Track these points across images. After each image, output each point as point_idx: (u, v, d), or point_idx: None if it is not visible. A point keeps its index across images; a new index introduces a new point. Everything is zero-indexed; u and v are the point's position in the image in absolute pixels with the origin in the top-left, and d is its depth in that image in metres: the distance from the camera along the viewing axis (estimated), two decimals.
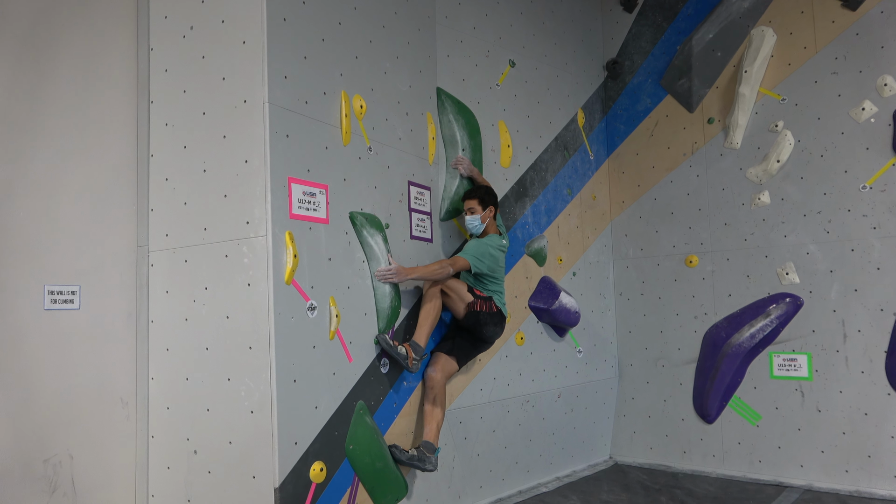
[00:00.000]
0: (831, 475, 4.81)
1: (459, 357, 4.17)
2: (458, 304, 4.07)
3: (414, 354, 3.78)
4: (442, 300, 4.04)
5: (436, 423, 3.96)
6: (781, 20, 5.18)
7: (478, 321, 4.10)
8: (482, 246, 4.14)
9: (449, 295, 4.05)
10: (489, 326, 4.16)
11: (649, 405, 5.70)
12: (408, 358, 3.75)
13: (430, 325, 3.94)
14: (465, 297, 4.07)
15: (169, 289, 3.56)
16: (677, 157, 5.67)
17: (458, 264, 4.03)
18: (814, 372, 4.93)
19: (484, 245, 4.15)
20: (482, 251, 4.12)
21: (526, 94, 5.23)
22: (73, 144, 3.50)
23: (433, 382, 4.03)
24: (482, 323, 4.12)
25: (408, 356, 3.75)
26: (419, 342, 3.85)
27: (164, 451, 3.53)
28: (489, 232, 4.32)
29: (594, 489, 4.96)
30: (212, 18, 3.48)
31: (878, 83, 4.74)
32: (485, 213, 4.26)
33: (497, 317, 4.19)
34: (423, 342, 3.87)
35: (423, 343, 3.86)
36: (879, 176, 4.73)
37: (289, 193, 3.30)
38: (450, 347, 4.16)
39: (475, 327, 4.13)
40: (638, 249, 5.88)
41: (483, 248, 4.13)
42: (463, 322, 4.13)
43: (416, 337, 3.88)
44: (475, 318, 4.09)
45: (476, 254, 4.10)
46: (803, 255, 5.01)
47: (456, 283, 4.07)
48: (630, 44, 6.00)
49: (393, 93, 4.04)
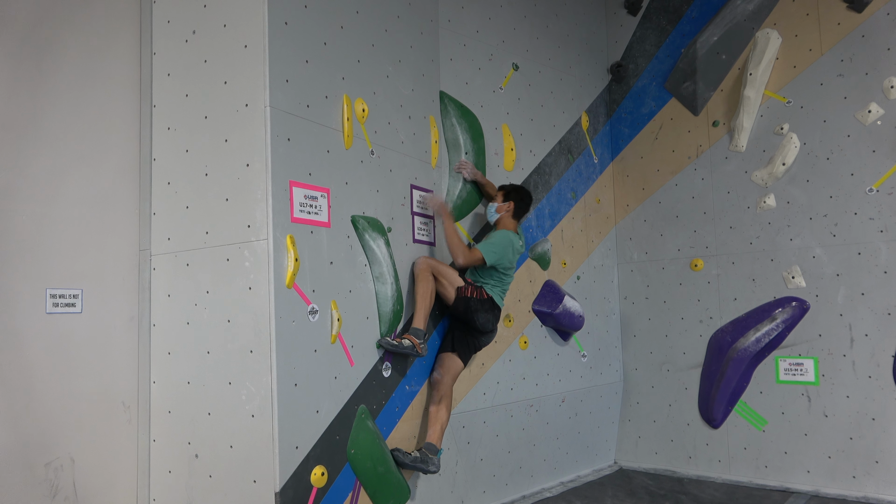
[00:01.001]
0: (838, 481, 4.76)
1: (462, 352, 4.15)
2: (448, 290, 4.04)
3: (419, 339, 3.79)
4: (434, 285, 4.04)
5: (440, 426, 3.94)
6: (786, 22, 5.15)
7: (468, 307, 4.05)
8: (500, 236, 4.19)
9: (440, 280, 4.02)
10: (480, 313, 4.08)
11: (654, 410, 5.66)
12: (414, 346, 3.76)
13: (426, 308, 3.93)
14: (455, 282, 4.05)
15: (171, 292, 3.56)
16: (682, 161, 5.65)
17: (475, 256, 4.07)
18: (820, 376, 4.89)
19: (503, 235, 4.19)
20: (498, 240, 4.16)
21: (529, 98, 5.22)
22: (76, 148, 3.51)
23: (439, 385, 4.03)
24: (473, 309, 4.06)
25: (414, 345, 3.76)
26: (419, 326, 3.84)
27: (165, 455, 3.53)
28: (504, 226, 4.35)
29: (599, 494, 4.92)
30: (214, 23, 3.48)
31: (884, 85, 4.70)
32: (502, 204, 4.35)
33: (488, 304, 4.12)
34: (423, 324, 3.87)
35: (424, 325, 3.87)
36: (886, 179, 4.69)
37: (290, 197, 3.30)
38: (451, 344, 4.14)
39: (466, 314, 4.08)
40: (643, 253, 5.85)
41: (500, 238, 4.17)
42: (454, 310, 4.10)
43: (414, 323, 3.87)
44: (465, 304, 4.05)
45: (491, 244, 4.13)
46: (809, 259, 4.97)
47: (447, 268, 4.07)
48: (634, 47, 5.98)
49: (395, 96, 4.03)
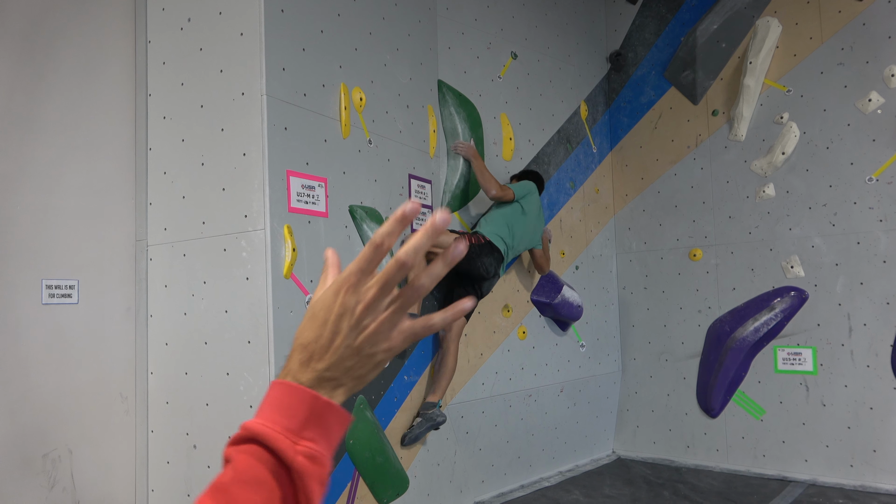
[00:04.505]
0: (836, 470, 4.78)
1: None
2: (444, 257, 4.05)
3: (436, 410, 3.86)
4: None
5: (446, 380, 3.97)
6: (787, 10, 5.11)
7: (468, 256, 3.96)
8: (524, 183, 4.45)
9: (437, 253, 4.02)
10: (482, 258, 4.01)
11: (653, 399, 5.67)
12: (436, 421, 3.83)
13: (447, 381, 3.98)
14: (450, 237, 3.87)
15: (168, 283, 3.54)
16: (681, 150, 5.63)
17: (507, 191, 4.27)
18: (819, 366, 4.89)
19: (527, 183, 4.45)
20: (522, 184, 4.41)
21: (528, 87, 5.19)
22: (71, 138, 3.48)
23: (445, 339, 4.06)
24: (472, 256, 3.97)
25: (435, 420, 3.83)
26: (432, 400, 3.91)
27: (163, 446, 3.52)
28: None
29: (597, 483, 4.93)
30: (209, 10, 3.44)
31: (885, 74, 4.68)
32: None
33: (488, 247, 4.08)
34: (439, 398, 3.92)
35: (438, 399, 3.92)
36: (886, 168, 4.68)
37: (287, 186, 3.28)
38: (453, 299, 4.10)
39: (469, 264, 3.99)
40: (641, 243, 5.84)
41: (524, 184, 4.43)
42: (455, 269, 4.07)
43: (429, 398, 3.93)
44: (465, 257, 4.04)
45: (517, 185, 4.38)
46: (808, 249, 4.96)
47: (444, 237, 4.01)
48: (633, 35, 5.94)
49: (393, 85, 4.00)
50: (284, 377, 0.72)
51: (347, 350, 0.70)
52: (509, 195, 4.25)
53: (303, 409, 0.69)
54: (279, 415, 0.68)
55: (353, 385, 0.72)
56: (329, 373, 0.71)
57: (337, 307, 0.70)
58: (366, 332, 0.71)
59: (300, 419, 0.68)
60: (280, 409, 0.69)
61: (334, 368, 0.71)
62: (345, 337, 0.70)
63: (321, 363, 0.71)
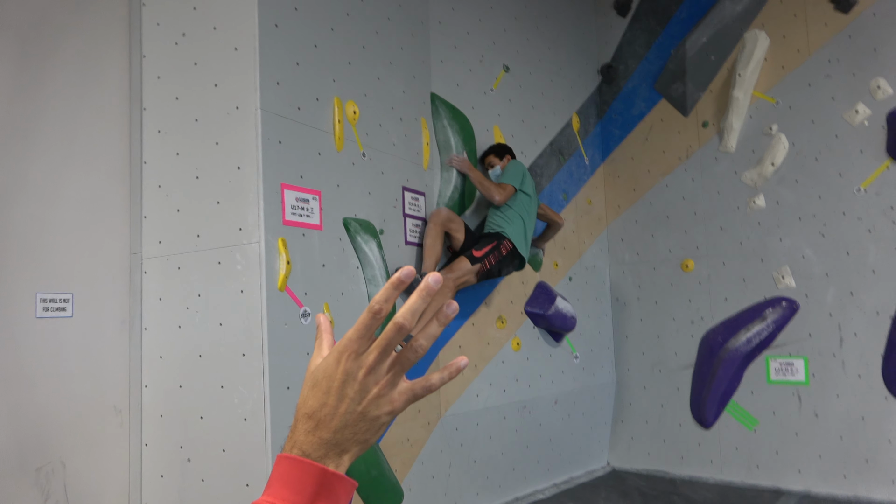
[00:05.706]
0: (829, 480, 4.79)
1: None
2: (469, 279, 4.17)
3: None
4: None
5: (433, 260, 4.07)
6: (774, 23, 5.19)
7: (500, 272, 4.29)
8: (510, 165, 4.46)
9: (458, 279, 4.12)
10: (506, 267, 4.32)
11: (647, 411, 5.68)
12: None
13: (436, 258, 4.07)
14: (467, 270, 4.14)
15: (162, 296, 3.54)
16: (672, 162, 5.68)
17: (506, 190, 4.32)
18: (811, 376, 4.92)
19: (513, 164, 4.47)
20: (510, 169, 4.43)
21: (520, 99, 5.24)
22: (66, 151, 3.49)
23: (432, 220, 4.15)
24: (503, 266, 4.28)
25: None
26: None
27: (157, 459, 3.51)
28: None
29: (592, 496, 4.93)
30: (204, 25, 3.47)
31: (871, 86, 4.74)
32: (503, 161, 4.57)
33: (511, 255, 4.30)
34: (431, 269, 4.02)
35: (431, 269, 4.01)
36: (874, 179, 4.73)
37: (282, 200, 3.30)
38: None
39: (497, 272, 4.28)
40: (634, 254, 5.87)
41: (511, 167, 4.44)
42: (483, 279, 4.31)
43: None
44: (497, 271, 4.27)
45: (507, 175, 4.40)
46: (799, 259, 5.00)
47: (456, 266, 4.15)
48: (624, 48, 6.01)
49: (386, 98, 4.03)
50: (290, 449, 0.73)
51: (353, 415, 0.72)
52: (510, 191, 4.36)
53: (311, 483, 0.70)
54: (288, 490, 0.70)
55: (358, 450, 0.74)
56: (335, 439, 0.72)
57: (340, 374, 0.72)
58: (369, 396, 0.73)
59: (309, 494, 0.69)
60: (289, 485, 0.70)
61: (340, 434, 0.72)
62: (350, 402, 0.72)
63: (327, 431, 0.72)
